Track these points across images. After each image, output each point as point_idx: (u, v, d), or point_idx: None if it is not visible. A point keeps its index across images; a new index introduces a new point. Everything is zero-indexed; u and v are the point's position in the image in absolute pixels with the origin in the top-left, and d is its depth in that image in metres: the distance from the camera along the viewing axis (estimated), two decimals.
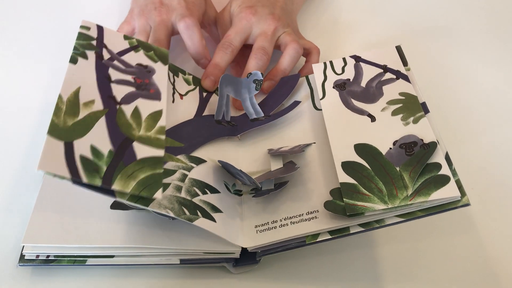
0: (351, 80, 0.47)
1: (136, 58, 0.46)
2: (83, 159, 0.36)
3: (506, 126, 0.54)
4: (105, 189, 0.35)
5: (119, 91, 0.42)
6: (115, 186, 0.35)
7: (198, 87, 0.51)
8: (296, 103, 0.48)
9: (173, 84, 0.49)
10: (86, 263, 0.40)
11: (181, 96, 0.49)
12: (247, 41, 0.53)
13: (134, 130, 0.40)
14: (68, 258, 0.40)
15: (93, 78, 0.42)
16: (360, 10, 0.66)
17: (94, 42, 0.45)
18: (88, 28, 0.46)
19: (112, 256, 0.40)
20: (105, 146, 0.38)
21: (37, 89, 0.55)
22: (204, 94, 0.51)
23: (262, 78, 0.48)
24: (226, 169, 0.44)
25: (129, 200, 0.36)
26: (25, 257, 0.40)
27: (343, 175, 0.40)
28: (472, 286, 0.42)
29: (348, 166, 0.40)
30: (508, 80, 0.58)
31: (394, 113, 0.43)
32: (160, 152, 0.40)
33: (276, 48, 0.54)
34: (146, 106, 0.43)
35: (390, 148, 0.41)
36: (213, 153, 0.45)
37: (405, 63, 0.47)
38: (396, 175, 0.39)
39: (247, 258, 0.41)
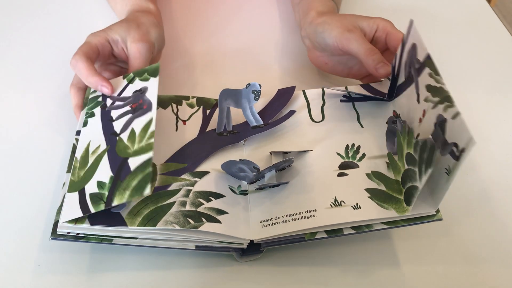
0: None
1: (133, 87, 0.51)
2: (92, 195, 0.43)
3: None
4: (119, 221, 0.42)
5: (119, 125, 0.48)
6: (115, 202, 0.42)
7: (201, 107, 0.55)
8: (292, 112, 0.54)
9: (176, 114, 0.54)
10: (112, 242, 0.44)
11: (184, 122, 0.53)
12: None
13: (129, 149, 0.45)
14: (96, 236, 0.44)
15: (99, 128, 0.48)
16: None
17: (100, 98, 0.51)
18: (95, 91, 0.52)
19: (136, 238, 0.44)
20: (107, 175, 0.44)
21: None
22: (208, 111, 0.55)
23: (260, 90, 0.53)
24: (228, 173, 0.49)
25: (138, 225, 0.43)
26: (57, 232, 0.43)
27: None
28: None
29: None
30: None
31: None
32: (148, 155, 0.43)
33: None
34: (139, 123, 0.47)
35: None
36: (217, 163, 0.50)
37: None
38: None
39: (253, 249, 0.47)
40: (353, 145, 0.51)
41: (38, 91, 0.62)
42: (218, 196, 0.47)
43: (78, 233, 0.43)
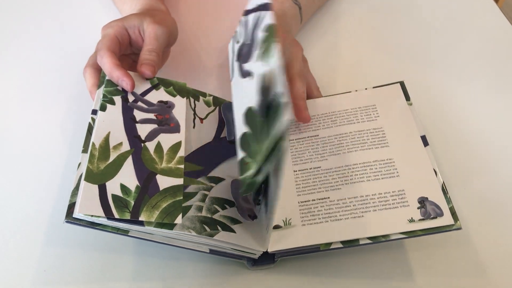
0: (243, 43, 0.46)
1: (157, 95, 0.51)
2: (114, 197, 0.42)
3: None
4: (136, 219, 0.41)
5: (143, 130, 0.47)
6: (142, 218, 0.41)
7: (218, 107, 0.55)
8: None
9: (194, 110, 0.53)
10: (128, 234, 0.42)
11: (201, 120, 0.53)
12: None
13: (156, 164, 0.45)
14: (113, 226, 0.42)
15: (120, 122, 0.47)
16: (358, 41, 0.70)
17: (120, 87, 0.50)
18: None
19: (152, 234, 0.43)
20: (133, 182, 0.43)
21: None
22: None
23: None
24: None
25: (156, 227, 0.41)
26: (73, 215, 0.41)
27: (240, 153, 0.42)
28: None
29: (242, 141, 0.42)
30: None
31: (258, 58, 0.41)
32: (180, 181, 0.45)
33: None
34: (167, 140, 0.47)
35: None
36: (231, 170, 0.50)
37: (407, 98, 0.52)
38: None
39: (266, 259, 0.46)
40: None
41: (44, 83, 0.62)
42: (232, 204, 0.47)
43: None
